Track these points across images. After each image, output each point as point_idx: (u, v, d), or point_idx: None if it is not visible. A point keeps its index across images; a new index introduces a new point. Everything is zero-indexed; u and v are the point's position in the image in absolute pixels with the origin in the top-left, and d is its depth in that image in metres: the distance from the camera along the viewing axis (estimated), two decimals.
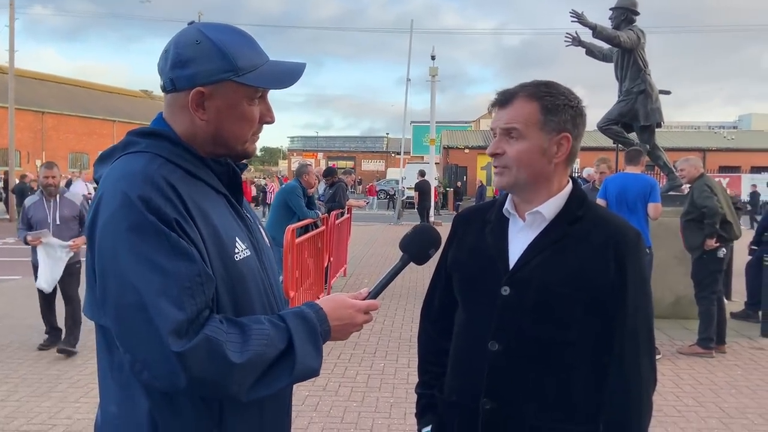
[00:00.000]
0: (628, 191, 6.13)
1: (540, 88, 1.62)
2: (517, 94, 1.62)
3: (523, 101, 1.60)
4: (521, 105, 1.60)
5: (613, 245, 1.57)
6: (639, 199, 6.10)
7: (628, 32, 8.10)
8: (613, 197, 6.16)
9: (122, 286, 1.22)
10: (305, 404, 4.84)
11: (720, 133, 48.16)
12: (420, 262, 1.62)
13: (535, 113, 1.59)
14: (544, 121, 1.59)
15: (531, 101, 1.59)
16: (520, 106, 1.60)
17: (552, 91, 1.61)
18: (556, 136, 1.59)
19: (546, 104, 1.59)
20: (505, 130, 1.61)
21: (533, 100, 1.59)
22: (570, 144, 1.61)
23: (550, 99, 1.59)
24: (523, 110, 1.59)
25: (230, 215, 1.43)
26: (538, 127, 1.59)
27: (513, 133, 1.60)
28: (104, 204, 1.28)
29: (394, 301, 8.52)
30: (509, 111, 1.61)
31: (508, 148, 1.61)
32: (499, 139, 1.63)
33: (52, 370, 5.69)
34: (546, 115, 1.58)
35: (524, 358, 1.58)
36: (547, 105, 1.59)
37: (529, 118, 1.59)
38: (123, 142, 1.41)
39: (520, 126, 1.59)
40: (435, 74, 25.27)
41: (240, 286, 1.37)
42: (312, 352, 1.35)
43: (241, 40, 1.40)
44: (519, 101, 1.61)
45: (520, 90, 1.63)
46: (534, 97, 1.60)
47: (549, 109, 1.59)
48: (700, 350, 6.27)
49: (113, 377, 1.35)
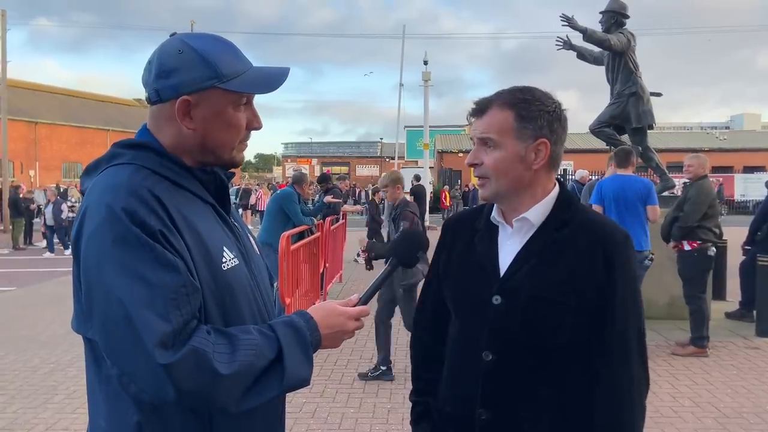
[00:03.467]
0: (626, 193, 6.05)
1: (515, 95, 1.60)
2: (492, 102, 1.60)
3: (497, 110, 1.59)
4: (495, 114, 1.59)
5: (601, 248, 1.57)
6: (638, 201, 6.04)
7: (618, 35, 8.14)
8: (611, 200, 6.07)
9: (108, 299, 1.22)
10: (302, 411, 4.84)
11: (712, 133, 48.34)
12: (408, 266, 1.64)
13: (509, 121, 1.57)
14: (519, 128, 1.57)
15: (505, 109, 1.58)
16: (494, 115, 1.59)
17: (527, 97, 1.59)
18: (533, 143, 1.58)
19: (520, 112, 1.57)
20: (482, 140, 1.60)
21: (507, 109, 1.58)
22: (549, 149, 1.60)
23: (525, 106, 1.58)
24: (497, 119, 1.58)
25: (218, 224, 1.43)
26: (513, 136, 1.57)
27: (489, 143, 1.59)
28: (89, 217, 1.27)
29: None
30: (485, 120, 1.60)
31: (485, 157, 1.60)
32: (477, 148, 1.62)
33: (49, 381, 5.68)
34: (520, 122, 1.57)
35: (518, 367, 1.58)
36: (521, 113, 1.57)
37: (503, 126, 1.57)
38: (108, 154, 1.41)
39: (494, 135, 1.58)
40: (428, 79, 25.38)
41: (228, 295, 1.36)
42: (302, 361, 1.35)
43: (224, 47, 1.41)
44: (493, 110, 1.59)
45: (495, 98, 1.61)
46: (508, 106, 1.58)
47: (523, 116, 1.57)
48: (694, 350, 6.30)
49: (101, 390, 1.34)
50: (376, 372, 5.66)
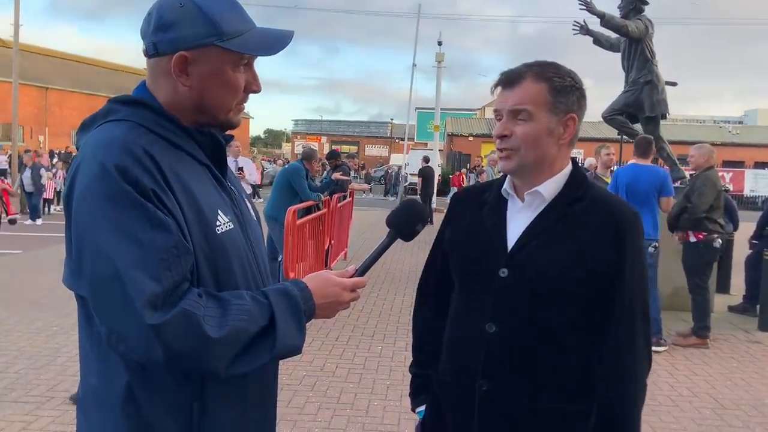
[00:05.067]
0: (639, 183, 6.08)
1: (547, 69, 1.59)
2: (525, 74, 1.58)
3: (531, 82, 1.57)
4: (529, 86, 1.57)
5: (612, 225, 1.56)
6: (650, 191, 6.06)
7: (636, 22, 8.04)
8: (624, 189, 6.11)
9: (97, 257, 1.20)
10: (302, 384, 4.87)
11: (725, 127, 47.96)
12: (407, 238, 1.60)
13: (544, 94, 1.56)
14: (553, 102, 1.56)
15: (539, 82, 1.57)
16: (528, 87, 1.57)
17: (560, 72, 1.59)
18: (564, 117, 1.58)
19: (555, 85, 1.57)
20: (513, 111, 1.58)
21: (541, 81, 1.57)
22: (576, 125, 1.61)
23: (559, 80, 1.57)
24: (531, 91, 1.57)
25: (213, 187, 1.40)
26: (547, 108, 1.56)
27: (521, 115, 1.57)
28: (81, 173, 1.25)
29: (393, 285, 8.50)
30: (517, 92, 1.58)
31: (516, 129, 1.58)
32: (506, 120, 1.60)
33: (51, 344, 5.73)
34: (555, 96, 1.56)
35: (522, 340, 1.58)
36: (555, 86, 1.57)
37: (538, 99, 1.56)
38: (104, 109, 1.38)
39: (529, 107, 1.56)
40: (441, 60, 25.13)
41: (221, 259, 1.33)
42: (294, 329, 1.33)
43: (227, 4, 1.36)
44: (527, 82, 1.58)
45: (527, 70, 1.59)
46: (542, 78, 1.57)
47: (558, 90, 1.57)
48: (696, 340, 6.30)
49: (93, 349, 1.33)
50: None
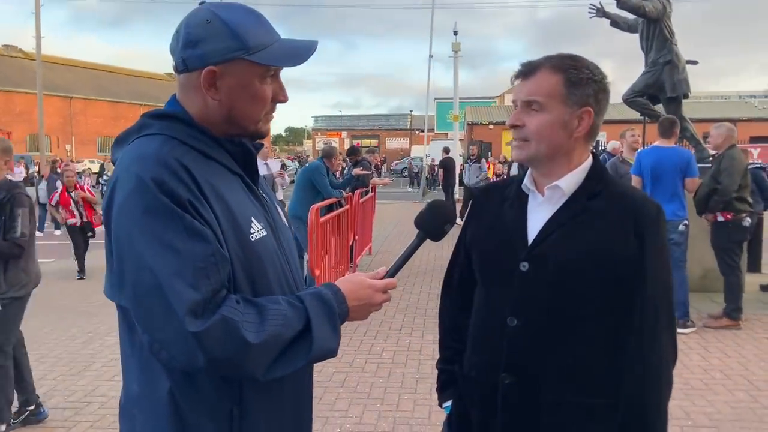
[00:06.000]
0: (664, 165, 6.02)
1: (565, 61, 1.59)
2: (542, 65, 1.59)
3: (546, 73, 1.58)
4: (544, 77, 1.58)
5: (632, 219, 1.56)
6: (676, 173, 6.00)
7: (653, 1, 7.92)
8: (648, 172, 6.06)
9: (138, 268, 1.24)
10: (332, 380, 4.92)
11: (751, 102, 46.99)
12: (436, 239, 1.62)
13: (558, 86, 1.57)
14: (566, 94, 1.56)
15: (555, 73, 1.57)
16: (543, 78, 1.58)
17: (577, 64, 1.59)
18: (578, 110, 1.57)
19: (570, 77, 1.56)
20: (526, 102, 1.59)
21: (557, 73, 1.57)
22: (591, 119, 1.59)
23: (575, 72, 1.57)
24: (545, 82, 1.57)
25: (246, 195, 1.44)
26: (560, 100, 1.56)
27: (534, 106, 1.58)
28: (119, 187, 1.30)
29: (419, 278, 8.50)
30: (532, 83, 1.59)
31: (528, 120, 1.59)
32: (520, 110, 1.61)
33: (87, 350, 5.85)
34: (569, 88, 1.56)
35: (543, 333, 1.59)
36: (571, 78, 1.56)
37: (552, 90, 1.57)
38: (137, 124, 1.43)
39: (541, 98, 1.57)
40: (458, 50, 25.00)
41: (257, 266, 1.38)
42: (330, 332, 1.36)
43: (252, 18, 1.40)
44: (543, 73, 1.58)
45: (545, 61, 1.60)
46: (558, 70, 1.57)
47: (573, 82, 1.56)
48: (728, 322, 6.22)
49: (134, 356, 1.38)
50: (21, 416, 4.20)
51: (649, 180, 6.04)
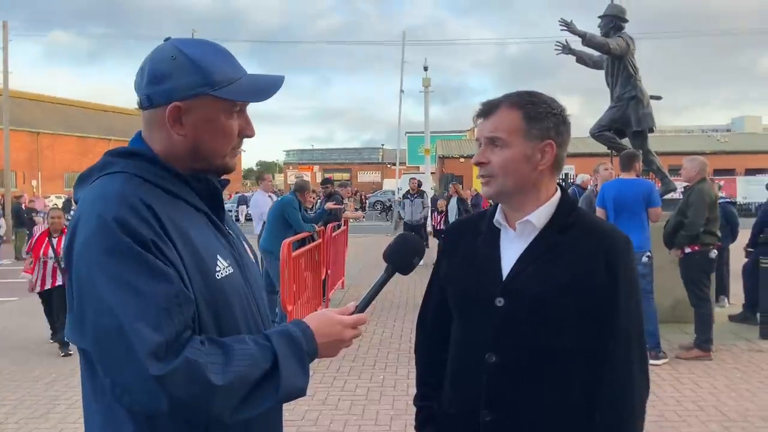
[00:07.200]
0: (626, 196, 6.13)
1: (523, 97, 1.64)
2: (501, 103, 1.64)
3: (506, 110, 1.62)
4: (504, 114, 1.62)
5: (603, 252, 1.58)
6: (638, 203, 6.11)
7: (617, 39, 8.17)
8: (611, 204, 6.16)
9: (99, 310, 1.21)
10: (305, 419, 4.82)
11: (713, 136, 48.36)
12: (405, 272, 1.61)
13: (518, 121, 1.61)
14: (527, 128, 1.60)
15: (514, 110, 1.62)
16: (503, 115, 1.62)
17: (534, 99, 1.63)
18: (540, 144, 1.61)
19: (528, 112, 1.61)
20: (489, 138, 1.63)
21: (516, 109, 1.61)
22: (554, 151, 1.63)
23: (532, 107, 1.61)
24: (506, 119, 1.62)
25: (211, 233, 1.41)
26: (521, 135, 1.60)
27: (497, 142, 1.62)
28: (81, 227, 1.27)
29: (392, 312, 8.45)
30: (493, 120, 1.63)
31: (492, 156, 1.63)
32: (484, 148, 1.65)
33: (50, 391, 5.67)
34: (529, 122, 1.60)
35: (522, 369, 1.59)
36: (529, 113, 1.61)
37: (512, 126, 1.61)
38: (100, 162, 1.40)
39: (503, 135, 1.61)
40: (428, 85, 25.42)
41: (223, 304, 1.35)
42: (298, 371, 1.33)
43: (217, 54, 1.40)
44: (502, 110, 1.63)
45: (503, 99, 1.65)
46: (517, 106, 1.62)
47: (531, 116, 1.60)
48: (699, 353, 6.27)
49: (96, 400, 1.33)
50: None
51: (612, 211, 6.13)
